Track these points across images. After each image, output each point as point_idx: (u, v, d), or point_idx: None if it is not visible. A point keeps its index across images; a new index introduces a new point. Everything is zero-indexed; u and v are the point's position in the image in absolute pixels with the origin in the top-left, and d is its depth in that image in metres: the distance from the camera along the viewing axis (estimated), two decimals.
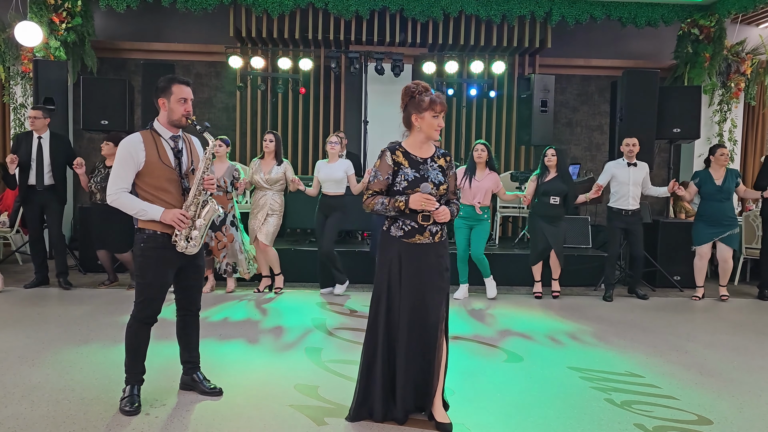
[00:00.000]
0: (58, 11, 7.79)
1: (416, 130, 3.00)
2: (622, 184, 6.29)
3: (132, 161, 3.07)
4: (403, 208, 2.93)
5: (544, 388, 3.68)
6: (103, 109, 7.27)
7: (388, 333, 3.01)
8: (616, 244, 6.40)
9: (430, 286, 2.99)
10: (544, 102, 7.91)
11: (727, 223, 6.20)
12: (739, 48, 8.78)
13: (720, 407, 3.45)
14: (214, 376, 3.56)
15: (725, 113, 8.77)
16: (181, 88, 3.15)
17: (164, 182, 3.13)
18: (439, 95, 2.96)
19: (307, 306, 5.74)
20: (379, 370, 3.01)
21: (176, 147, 3.18)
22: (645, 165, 6.46)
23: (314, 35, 8.62)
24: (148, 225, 3.12)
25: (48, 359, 3.96)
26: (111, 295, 5.93)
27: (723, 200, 6.20)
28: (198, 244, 3.16)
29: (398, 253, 2.99)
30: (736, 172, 6.30)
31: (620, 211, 6.30)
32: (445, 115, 3.00)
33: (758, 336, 5.06)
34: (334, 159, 6.09)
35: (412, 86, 3.00)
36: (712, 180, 6.22)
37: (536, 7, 8.23)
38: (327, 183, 6.05)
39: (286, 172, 6.02)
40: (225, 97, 9.33)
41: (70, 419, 3.05)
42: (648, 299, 6.35)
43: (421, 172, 2.98)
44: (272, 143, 6.03)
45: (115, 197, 3.07)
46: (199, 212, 3.16)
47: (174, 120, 3.16)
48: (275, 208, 6.03)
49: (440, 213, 2.94)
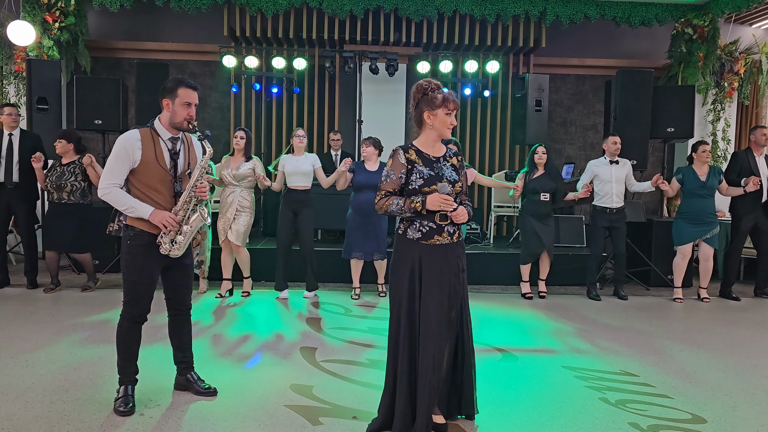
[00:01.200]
0: (52, 10, 7.74)
1: (428, 127, 2.94)
2: (605, 182, 6.31)
3: (128, 158, 3.06)
4: (420, 209, 2.84)
5: (539, 388, 3.69)
6: (96, 108, 7.23)
7: (411, 339, 2.89)
8: (599, 243, 6.42)
9: (451, 288, 2.90)
10: (539, 101, 7.92)
11: (709, 220, 6.20)
12: (732, 47, 8.81)
13: (714, 406, 3.46)
14: (208, 376, 3.56)
15: (719, 112, 8.80)
16: (188, 92, 3.14)
17: (157, 182, 3.13)
18: (451, 93, 2.91)
19: (302, 305, 5.73)
20: (404, 381, 2.87)
21: (173, 149, 3.18)
22: (627, 162, 6.49)
23: (308, 35, 8.61)
24: (135, 223, 3.12)
25: (41, 360, 3.94)
26: (104, 295, 5.91)
27: (706, 196, 6.20)
28: (182, 248, 3.16)
29: (418, 256, 2.89)
30: (718, 170, 6.31)
31: (604, 209, 6.32)
32: (457, 113, 2.95)
33: (752, 335, 5.08)
34: (300, 152, 5.92)
35: (424, 83, 2.95)
36: (695, 176, 6.23)
37: (531, 6, 8.24)
38: (295, 176, 5.85)
39: (255, 168, 5.83)
40: (219, 96, 9.31)
41: (64, 420, 3.04)
42: (627, 300, 6.34)
43: (435, 170, 2.91)
44: (243, 140, 5.85)
45: (107, 191, 3.07)
46: (188, 218, 3.16)
47: (175, 123, 3.15)
48: (245, 205, 5.83)
49: (459, 214, 2.86)
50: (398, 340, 2.91)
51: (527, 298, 6.26)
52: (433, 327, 2.84)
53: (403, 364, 2.88)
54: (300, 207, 5.88)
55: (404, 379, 2.87)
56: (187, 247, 3.26)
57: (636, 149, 7.21)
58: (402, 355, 2.89)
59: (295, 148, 5.94)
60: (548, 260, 6.31)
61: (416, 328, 2.87)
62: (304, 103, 9.05)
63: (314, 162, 5.96)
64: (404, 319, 2.89)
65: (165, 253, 3.12)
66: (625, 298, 6.39)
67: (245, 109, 8.98)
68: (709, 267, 6.36)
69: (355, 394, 3.48)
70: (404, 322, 2.89)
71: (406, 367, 2.88)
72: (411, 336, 2.89)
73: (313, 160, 5.96)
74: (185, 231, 3.14)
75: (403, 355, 2.88)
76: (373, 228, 5.95)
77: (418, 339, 2.86)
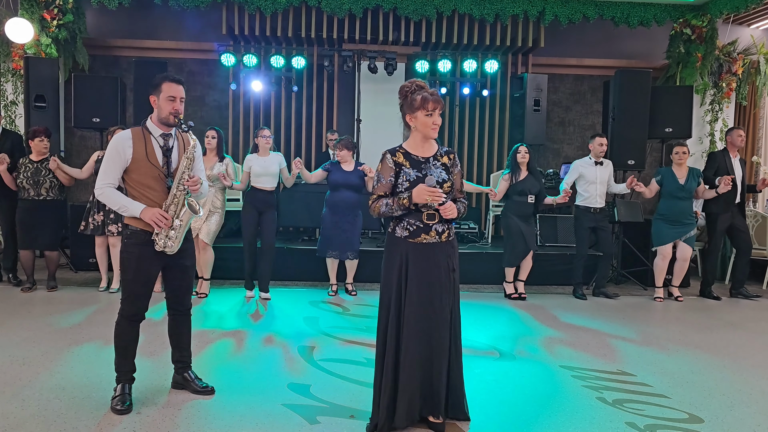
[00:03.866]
0: (50, 8, 7.72)
1: (413, 129, 2.96)
2: (590, 183, 6.35)
3: (119, 158, 3.09)
4: (407, 204, 2.85)
5: (536, 387, 3.69)
6: (94, 106, 7.22)
7: (398, 338, 2.90)
8: (585, 243, 6.44)
9: (437, 287, 2.89)
10: (537, 101, 7.93)
11: (687, 222, 6.24)
12: (730, 48, 8.82)
13: (711, 405, 3.47)
14: (206, 375, 3.55)
15: (717, 113, 8.81)
16: (171, 86, 3.14)
17: (150, 179, 3.14)
18: (433, 92, 2.90)
19: (299, 305, 5.73)
20: (389, 379, 2.89)
21: (165, 145, 3.18)
22: (610, 163, 6.54)
23: (307, 33, 8.60)
24: (131, 222, 3.14)
25: (38, 358, 3.93)
26: (101, 294, 5.90)
27: (684, 198, 6.23)
28: (176, 243, 3.16)
29: (405, 254, 2.91)
30: (697, 172, 6.36)
31: (588, 209, 6.36)
32: (441, 111, 2.92)
33: (749, 335, 5.09)
34: (265, 153, 5.84)
35: (406, 86, 2.96)
36: (675, 178, 6.27)
37: (529, 6, 8.24)
38: (263, 177, 5.77)
39: (227, 168, 5.82)
40: (217, 94, 9.29)
41: (61, 418, 3.03)
42: (614, 299, 6.36)
43: (423, 171, 2.92)
44: (214, 140, 5.81)
45: (101, 191, 3.12)
46: (179, 212, 3.16)
47: (162, 118, 3.16)
48: (217, 205, 5.82)
49: (446, 208, 2.86)
50: (386, 338, 2.92)
51: (513, 299, 6.25)
52: (416, 325, 2.86)
53: (388, 362, 2.89)
54: (265, 207, 5.83)
55: (390, 376, 2.89)
56: (188, 247, 3.27)
57: (634, 149, 7.22)
58: (388, 352, 2.90)
59: (261, 148, 5.84)
60: (530, 262, 6.30)
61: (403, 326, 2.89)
62: (302, 101, 9.04)
63: (281, 162, 5.90)
64: (392, 317, 2.91)
65: (160, 250, 3.12)
66: (613, 296, 6.42)
67: (243, 108, 8.97)
68: (685, 267, 6.42)
69: (352, 393, 3.48)
70: (392, 320, 2.91)
71: (393, 364, 2.89)
72: (398, 334, 2.91)
73: (280, 160, 5.90)
74: (177, 226, 3.14)
75: (390, 352, 2.90)
76: (348, 227, 5.96)
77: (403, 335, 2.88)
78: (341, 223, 5.96)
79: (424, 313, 2.87)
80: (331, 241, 6.00)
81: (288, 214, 7.37)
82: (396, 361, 2.90)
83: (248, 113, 9.00)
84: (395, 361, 2.90)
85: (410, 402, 2.88)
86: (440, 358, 2.92)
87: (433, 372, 2.92)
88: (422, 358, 2.88)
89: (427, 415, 2.97)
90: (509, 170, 6.22)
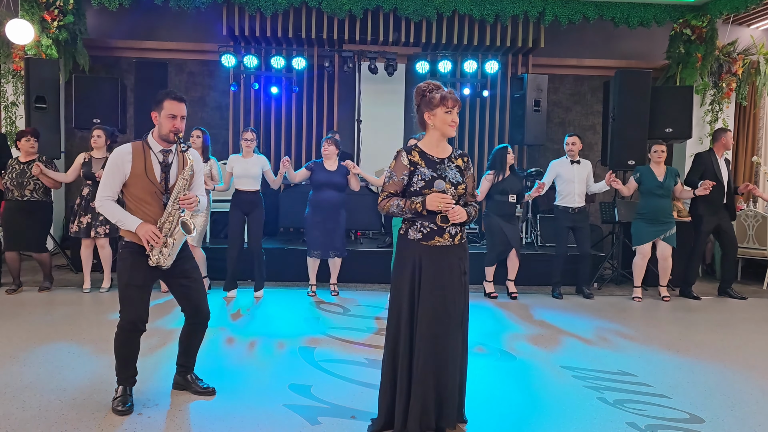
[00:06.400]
0: (50, 9, 7.72)
1: (431, 128, 2.94)
2: (568, 182, 6.38)
3: (119, 172, 3.12)
4: (420, 210, 2.84)
5: (537, 388, 3.69)
6: (95, 107, 7.23)
7: (410, 342, 2.87)
8: (564, 243, 6.46)
9: (450, 290, 2.87)
10: (537, 102, 7.93)
11: (666, 220, 6.26)
12: (730, 48, 8.82)
13: (712, 405, 3.47)
14: (206, 376, 3.56)
15: (716, 113, 8.80)
16: (173, 104, 3.15)
17: (146, 195, 3.16)
18: (451, 91, 2.91)
19: (300, 305, 5.73)
20: (405, 381, 2.84)
21: (165, 161, 3.19)
22: (588, 162, 6.58)
23: (308, 34, 8.60)
24: (127, 234, 3.16)
25: (39, 359, 3.94)
26: (102, 295, 5.90)
27: (663, 196, 6.24)
28: (169, 260, 3.16)
29: (418, 257, 2.88)
30: (675, 171, 6.38)
31: (567, 209, 6.38)
32: (458, 110, 2.93)
33: (749, 335, 5.09)
34: (249, 155, 5.84)
35: (423, 85, 2.96)
36: (653, 176, 6.28)
37: (529, 6, 8.24)
38: (244, 180, 5.80)
39: (211, 169, 5.81)
40: (218, 95, 9.30)
41: (62, 419, 3.04)
42: (593, 299, 6.38)
43: (438, 171, 2.90)
44: (199, 139, 5.79)
45: (101, 204, 3.15)
46: (172, 231, 3.16)
47: (162, 135, 3.18)
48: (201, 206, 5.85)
49: (455, 212, 2.83)
50: (398, 341, 2.89)
51: (492, 297, 6.26)
52: (428, 329, 2.82)
53: (403, 365, 2.86)
54: (251, 208, 5.85)
55: (405, 380, 2.86)
56: (184, 255, 3.28)
57: (634, 150, 7.22)
58: (402, 356, 2.87)
59: (243, 150, 5.86)
60: (516, 260, 6.31)
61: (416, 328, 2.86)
62: (303, 102, 9.04)
63: (263, 165, 5.89)
64: (405, 321, 2.87)
65: (153, 265, 3.13)
66: (591, 296, 6.43)
67: (244, 109, 8.97)
68: (667, 266, 6.41)
69: (353, 394, 3.48)
70: (404, 323, 2.87)
71: (407, 368, 2.86)
72: (411, 337, 2.87)
73: (263, 163, 5.89)
74: (170, 243, 3.15)
75: (404, 356, 2.87)
76: (331, 226, 5.97)
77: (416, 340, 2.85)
78: (325, 222, 5.95)
79: (438, 318, 2.84)
80: (316, 240, 6.00)
81: (288, 215, 7.37)
82: (408, 366, 2.87)
83: (249, 114, 9.00)
84: (408, 365, 2.87)
85: (424, 409, 2.82)
86: (453, 364, 2.88)
87: (446, 379, 2.86)
88: (435, 364, 2.84)
89: (442, 425, 2.89)
90: (490, 170, 6.22)
